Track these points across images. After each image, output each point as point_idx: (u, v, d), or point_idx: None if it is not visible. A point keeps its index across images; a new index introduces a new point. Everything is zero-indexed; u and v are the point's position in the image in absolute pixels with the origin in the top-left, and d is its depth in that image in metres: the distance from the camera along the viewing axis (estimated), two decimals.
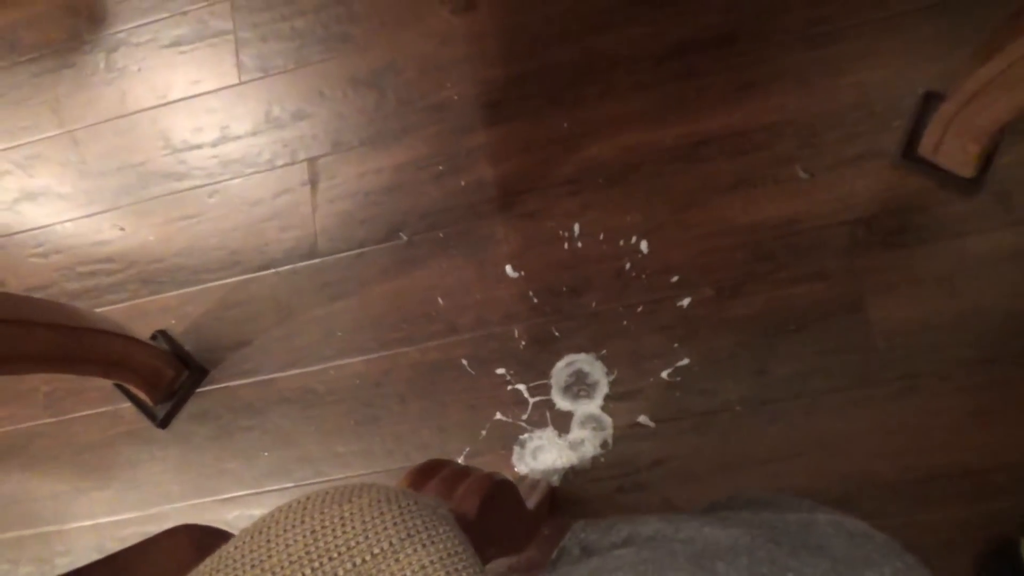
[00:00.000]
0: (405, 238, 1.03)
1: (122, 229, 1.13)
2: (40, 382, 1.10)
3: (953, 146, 0.80)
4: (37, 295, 1.12)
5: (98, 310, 1.09)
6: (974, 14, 0.92)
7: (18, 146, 1.22)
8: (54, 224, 1.16)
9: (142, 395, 1.01)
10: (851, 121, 0.93)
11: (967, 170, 0.83)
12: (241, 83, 1.14)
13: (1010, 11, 0.67)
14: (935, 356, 0.86)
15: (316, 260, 1.05)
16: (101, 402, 1.07)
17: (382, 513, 0.31)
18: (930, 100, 0.86)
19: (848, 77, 0.94)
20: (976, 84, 0.69)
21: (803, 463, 0.87)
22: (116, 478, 1.05)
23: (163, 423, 1.02)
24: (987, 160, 0.84)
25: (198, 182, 1.12)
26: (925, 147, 0.84)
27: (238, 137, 1.12)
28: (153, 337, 1.04)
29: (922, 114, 0.86)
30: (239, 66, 1.15)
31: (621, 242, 0.96)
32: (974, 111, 0.73)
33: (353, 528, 0.29)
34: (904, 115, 0.90)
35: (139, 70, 1.19)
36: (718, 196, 0.95)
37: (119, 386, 1.03)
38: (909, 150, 0.87)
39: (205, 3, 1.19)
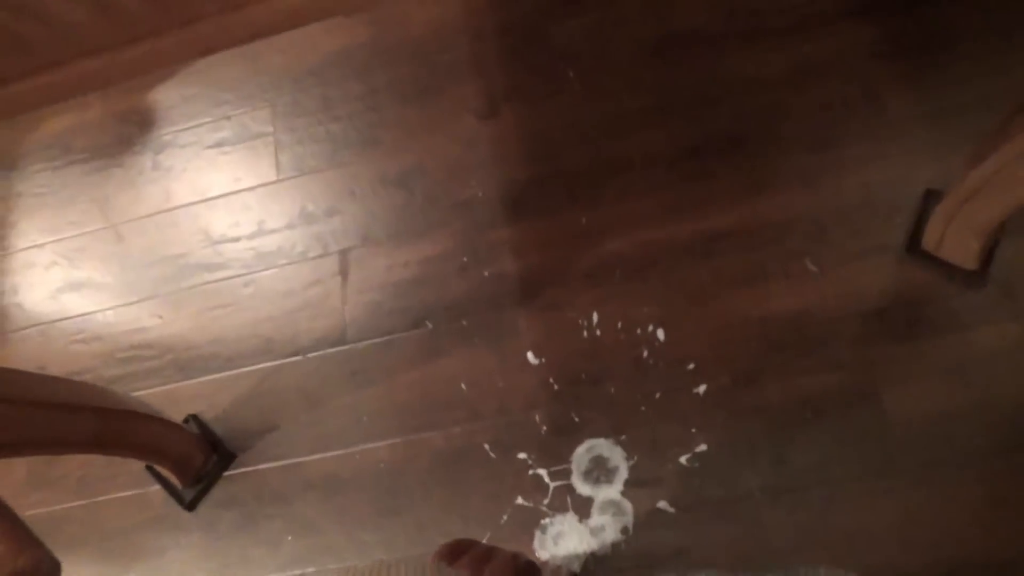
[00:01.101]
0: (430, 327, 1.07)
1: (160, 317, 1.18)
2: (74, 467, 1.12)
3: (955, 241, 0.85)
4: (77, 379, 1.16)
5: (135, 393, 1.13)
6: (969, 119, 0.98)
7: (65, 239, 1.29)
8: (95, 312, 1.22)
9: (172, 478, 1.03)
10: (857, 218, 0.98)
11: (970, 263, 0.87)
12: (278, 181, 1.22)
13: (1002, 117, 0.72)
14: (952, 445, 0.87)
15: (344, 348, 1.09)
16: (131, 485, 1.09)
17: None
18: (930, 197, 0.91)
19: (852, 177, 1.00)
20: (972, 184, 0.74)
21: (826, 556, 0.87)
22: (141, 565, 1.06)
23: (190, 506, 1.04)
24: (989, 253, 0.88)
25: (234, 273, 1.18)
26: (928, 242, 0.88)
27: (273, 231, 1.19)
28: (185, 421, 1.07)
29: (924, 210, 0.91)
30: (277, 166, 1.23)
31: (638, 331, 1.00)
32: (972, 209, 0.78)
33: None
34: (908, 212, 0.95)
35: (184, 170, 1.28)
36: (732, 289, 0.99)
37: (150, 469, 1.05)
38: (913, 245, 0.91)
39: (247, 108, 1.29)
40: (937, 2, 1.05)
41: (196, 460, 1.02)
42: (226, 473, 1.06)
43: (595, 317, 1.02)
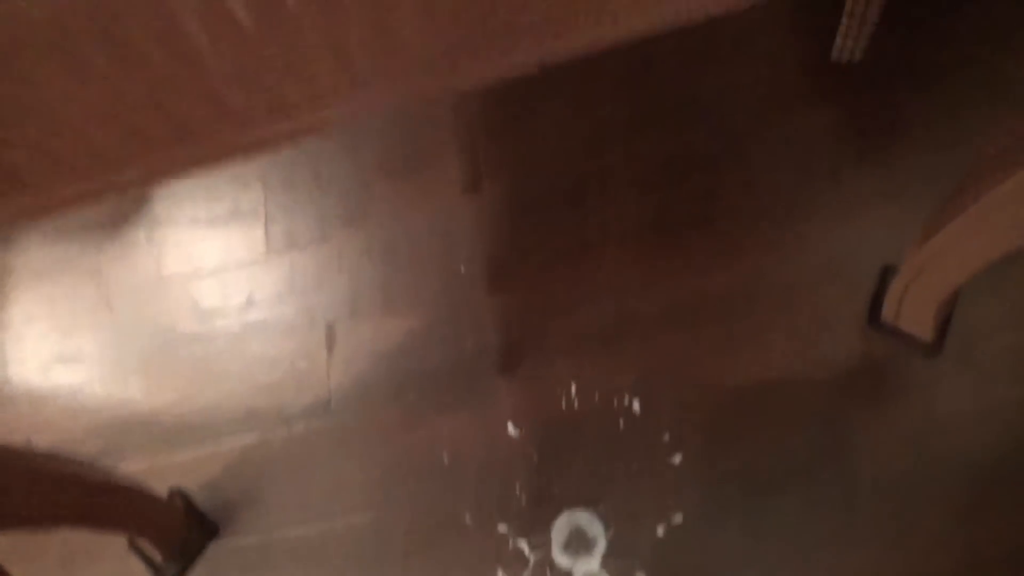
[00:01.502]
0: (413, 398, 1.09)
1: (148, 389, 1.20)
2: (55, 541, 1.12)
3: (911, 313, 0.89)
4: (64, 452, 1.17)
5: (120, 465, 1.14)
6: (927, 197, 1.04)
7: (57, 311, 1.32)
8: (84, 384, 1.24)
9: (154, 552, 1.03)
10: (822, 290, 1.04)
11: (927, 334, 0.91)
12: (268, 254, 1.26)
13: (942, 200, 0.77)
14: (921, 508, 0.90)
15: (329, 418, 1.11)
16: (113, 560, 1.08)
17: None
18: (887, 273, 0.96)
19: (817, 251, 1.06)
20: (920, 261, 0.78)
21: None
22: None
23: None
24: (945, 323, 0.92)
25: (222, 344, 1.21)
26: (887, 315, 0.93)
27: (262, 303, 1.22)
28: (170, 495, 1.08)
29: (882, 285, 0.95)
30: (267, 239, 1.27)
31: (615, 402, 1.02)
32: (922, 285, 0.82)
33: None
34: (869, 285, 1.00)
35: (176, 243, 1.31)
36: (704, 357, 1.03)
37: (132, 544, 1.05)
38: (874, 317, 0.95)
39: (239, 185, 1.33)
40: (894, 89, 1.13)
41: (179, 534, 1.03)
42: (210, 545, 1.06)
43: (573, 388, 1.05)
